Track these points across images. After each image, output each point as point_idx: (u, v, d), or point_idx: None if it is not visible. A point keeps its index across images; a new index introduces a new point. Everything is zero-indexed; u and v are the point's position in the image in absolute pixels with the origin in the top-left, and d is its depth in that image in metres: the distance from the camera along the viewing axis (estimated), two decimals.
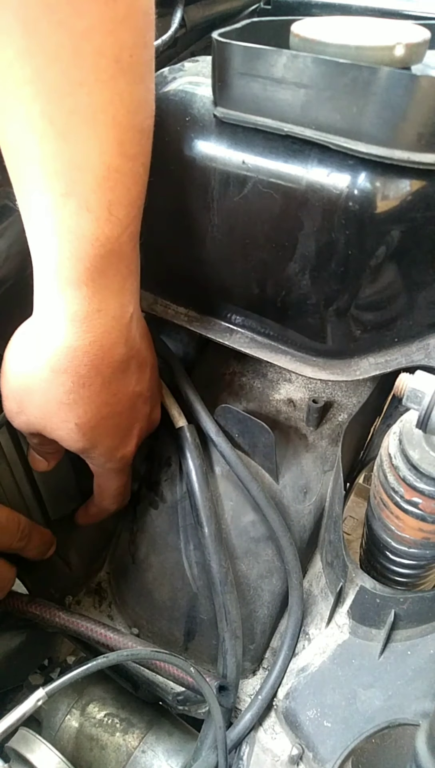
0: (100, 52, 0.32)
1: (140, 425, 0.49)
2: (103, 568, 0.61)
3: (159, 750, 0.51)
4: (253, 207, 0.42)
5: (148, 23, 0.35)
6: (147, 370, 0.47)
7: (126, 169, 0.36)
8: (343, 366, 0.48)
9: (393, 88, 0.33)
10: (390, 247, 0.40)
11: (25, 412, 0.42)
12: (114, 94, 0.34)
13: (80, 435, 0.43)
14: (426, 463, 0.41)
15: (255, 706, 0.48)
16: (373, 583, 0.47)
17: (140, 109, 0.37)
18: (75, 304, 0.38)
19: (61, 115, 0.33)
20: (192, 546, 0.53)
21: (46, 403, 0.41)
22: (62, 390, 0.40)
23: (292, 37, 0.39)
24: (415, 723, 0.41)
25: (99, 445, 0.45)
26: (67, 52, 0.32)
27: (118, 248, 0.38)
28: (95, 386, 0.41)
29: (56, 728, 0.52)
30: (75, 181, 0.35)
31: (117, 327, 0.41)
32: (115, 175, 0.36)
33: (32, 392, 0.41)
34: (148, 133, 0.38)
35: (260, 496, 0.52)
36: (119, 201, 0.36)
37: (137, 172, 0.38)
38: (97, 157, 0.35)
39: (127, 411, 0.46)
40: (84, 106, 0.33)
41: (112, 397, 0.43)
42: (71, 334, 0.38)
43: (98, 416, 0.42)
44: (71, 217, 0.35)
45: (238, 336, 0.52)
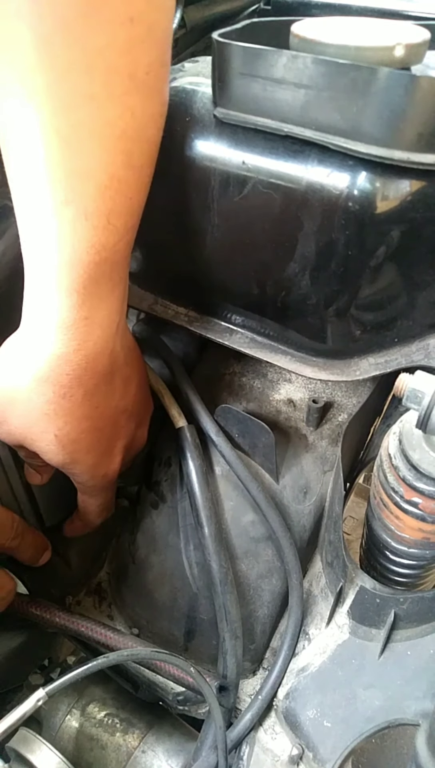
0: (113, 70, 0.32)
1: (123, 442, 0.47)
2: (103, 568, 0.61)
3: (159, 750, 0.51)
4: (253, 207, 0.42)
5: (166, 42, 0.35)
6: (132, 386, 0.47)
7: (130, 180, 0.36)
8: (343, 366, 0.48)
9: (393, 89, 0.33)
10: (390, 247, 0.40)
11: (7, 422, 0.42)
12: (125, 110, 0.33)
13: (60, 447, 0.42)
14: (426, 463, 0.41)
15: (255, 706, 0.48)
16: (373, 583, 0.47)
17: (152, 123, 0.36)
18: (64, 311, 0.38)
19: (68, 126, 0.33)
20: (192, 546, 0.53)
21: (27, 413, 0.40)
22: (43, 400, 0.39)
23: (292, 37, 0.39)
24: (415, 723, 0.41)
25: (80, 461, 0.44)
26: (79, 67, 0.31)
27: (112, 257, 0.38)
28: (76, 397, 0.40)
29: (56, 728, 0.52)
30: (75, 190, 0.34)
31: (102, 337, 0.40)
32: (118, 185, 0.35)
33: (15, 402, 0.40)
34: (155, 144, 0.38)
35: (260, 496, 0.52)
36: (119, 210, 0.36)
37: (140, 181, 0.37)
38: (101, 167, 0.34)
39: (109, 426, 0.45)
40: (92, 119, 0.33)
41: (94, 410, 0.42)
42: (57, 341, 0.38)
43: (78, 429, 0.42)
44: (69, 224, 0.35)
45: (238, 336, 0.52)
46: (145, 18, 0.32)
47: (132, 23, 0.31)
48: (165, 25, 0.34)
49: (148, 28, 0.32)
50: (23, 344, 0.40)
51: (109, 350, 0.41)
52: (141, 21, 0.32)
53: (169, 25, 0.35)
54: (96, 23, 0.30)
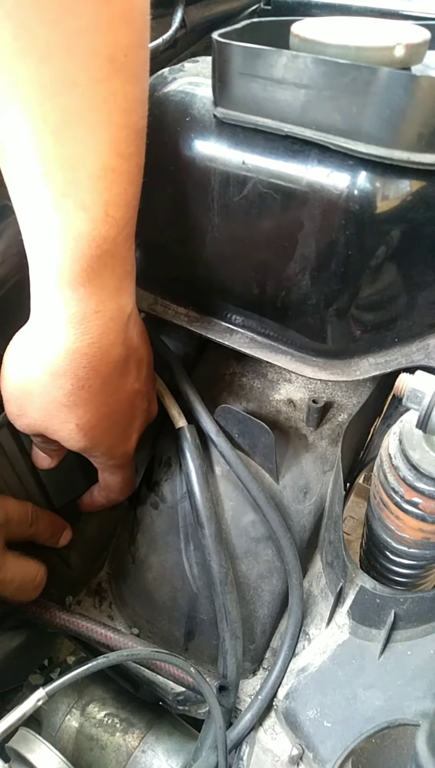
0: (93, 52, 0.32)
1: (139, 421, 0.49)
2: (103, 568, 0.61)
3: (159, 750, 0.51)
4: (253, 207, 0.42)
5: (143, 23, 0.35)
6: (144, 368, 0.48)
7: (122, 169, 0.36)
8: (343, 366, 0.48)
9: (393, 89, 0.33)
10: (390, 247, 0.40)
11: (26, 415, 0.42)
12: (108, 94, 0.33)
13: (81, 435, 0.43)
14: (426, 463, 0.41)
15: (255, 706, 0.48)
16: (373, 583, 0.47)
17: (135, 108, 0.36)
18: (72, 305, 0.38)
19: (54, 114, 0.33)
20: (192, 546, 0.53)
21: (45, 405, 0.41)
22: (61, 392, 0.40)
23: (292, 37, 0.39)
24: (415, 723, 0.41)
25: (100, 444, 0.45)
26: (59, 51, 0.31)
27: (114, 249, 0.38)
28: (94, 387, 0.41)
29: (56, 728, 0.52)
30: (70, 181, 0.34)
31: (114, 328, 0.41)
32: (110, 174, 0.35)
33: (32, 395, 0.41)
34: (142, 132, 0.38)
35: (260, 496, 0.52)
36: (115, 201, 0.36)
37: (132, 172, 0.37)
38: (92, 156, 0.34)
39: (126, 409, 0.46)
40: (78, 105, 0.33)
41: (111, 397, 0.43)
42: (69, 336, 0.38)
43: (98, 416, 0.43)
44: (68, 217, 0.35)
45: (238, 336, 0.52)
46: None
47: (109, 3, 0.31)
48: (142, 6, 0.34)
49: (126, 8, 0.32)
50: (35, 339, 0.40)
51: (123, 339, 0.42)
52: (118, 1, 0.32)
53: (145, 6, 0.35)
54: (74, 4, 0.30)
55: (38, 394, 0.40)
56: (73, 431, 0.42)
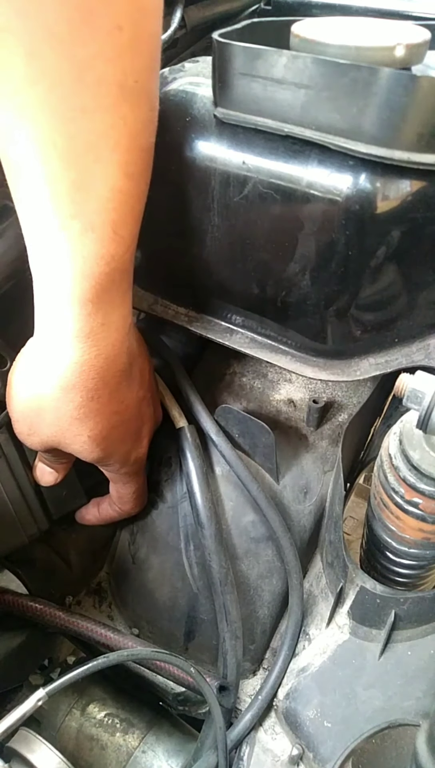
0: (102, 80, 0.32)
1: (148, 426, 0.50)
2: (103, 568, 0.61)
3: (159, 750, 0.51)
4: (254, 207, 0.42)
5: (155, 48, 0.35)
6: (146, 373, 0.48)
7: (129, 189, 0.36)
8: (344, 366, 0.48)
9: (393, 89, 0.33)
10: (390, 247, 0.40)
11: (38, 433, 0.43)
12: (117, 119, 0.34)
13: (94, 446, 0.43)
14: (426, 463, 0.41)
15: (255, 706, 0.48)
16: (373, 584, 0.47)
17: (143, 130, 0.37)
18: (80, 320, 0.38)
19: (63, 139, 0.33)
20: (192, 546, 0.53)
21: (57, 420, 0.42)
22: (72, 406, 0.41)
23: (293, 37, 0.39)
24: (415, 723, 0.41)
25: (114, 453, 0.46)
26: (69, 79, 0.31)
27: (121, 266, 0.38)
28: (103, 397, 0.42)
29: (56, 728, 0.52)
30: (78, 203, 0.35)
31: (119, 338, 0.41)
32: (118, 196, 0.36)
33: (43, 412, 0.41)
34: (150, 150, 0.38)
35: (260, 496, 0.52)
36: (123, 220, 0.37)
37: (140, 190, 0.38)
38: (100, 179, 0.35)
39: (135, 415, 0.47)
40: (86, 131, 0.33)
41: (120, 405, 0.44)
42: (77, 350, 0.39)
43: (109, 426, 0.43)
44: (77, 239, 0.35)
45: (238, 336, 0.52)
46: (133, 25, 0.32)
47: (120, 31, 0.31)
48: (153, 31, 0.34)
49: (136, 35, 0.32)
50: (42, 355, 0.40)
51: (126, 348, 0.43)
52: (129, 28, 0.32)
53: (157, 30, 0.35)
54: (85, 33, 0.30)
55: (49, 410, 0.41)
56: (86, 443, 0.43)
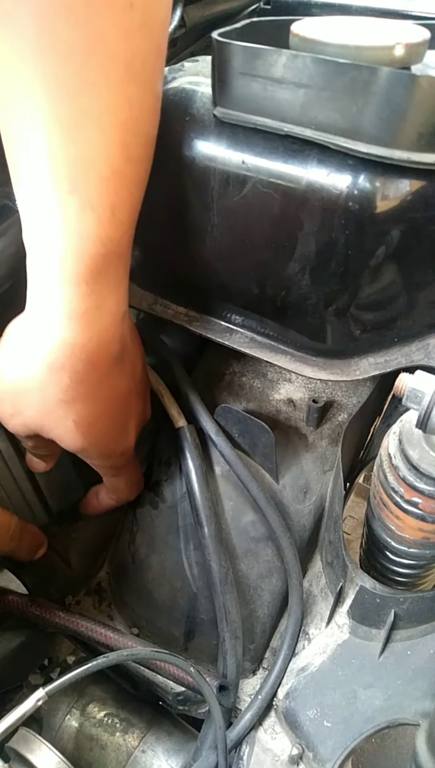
0: (112, 56, 0.33)
1: (135, 420, 0.49)
2: (103, 568, 0.61)
3: (159, 750, 0.51)
4: (253, 207, 0.42)
5: (162, 32, 0.36)
6: (138, 366, 0.48)
7: (129, 173, 0.36)
8: (343, 366, 0.48)
9: (393, 88, 0.33)
10: (390, 247, 0.40)
11: (21, 414, 0.42)
12: (122, 98, 0.34)
13: (78, 433, 0.43)
14: (426, 463, 0.41)
15: (255, 705, 0.48)
16: (373, 583, 0.47)
17: (147, 115, 0.37)
18: (73, 301, 0.38)
19: (69, 113, 0.33)
20: (192, 546, 0.53)
21: (42, 401, 0.41)
22: (59, 387, 0.40)
23: (292, 37, 0.39)
24: (415, 723, 0.41)
25: (97, 444, 0.45)
26: (79, 52, 0.32)
27: (118, 250, 0.38)
28: (92, 382, 0.41)
29: (56, 728, 0.52)
30: (79, 180, 0.35)
31: (113, 324, 0.41)
32: (118, 177, 0.36)
33: (28, 392, 0.40)
34: (152, 140, 0.39)
35: (260, 496, 0.52)
36: (122, 203, 0.37)
37: (140, 176, 0.38)
38: (102, 158, 0.35)
39: (122, 407, 0.46)
40: (92, 106, 0.33)
41: (109, 393, 0.43)
42: (69, 330, 0.39)
43: (96, 413, 0.43)
44: (75, 215, 0.35)
45: (238, 336, 0.52)
46: (144, 5, 0.33)
47: (132, 8, 0.32)
48: (163, 15, 0.35)
49: (147, 15, 0.33)
50: (33, 333, 0.40)
51: (120, 335, 0.42)
52: (140, 7, 0.32)
53: (166, 14, 0.36)
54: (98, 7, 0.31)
55: (35, 390, 0.40)
56: (70, 428, 0.42)
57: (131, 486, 0.54)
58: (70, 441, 0.43)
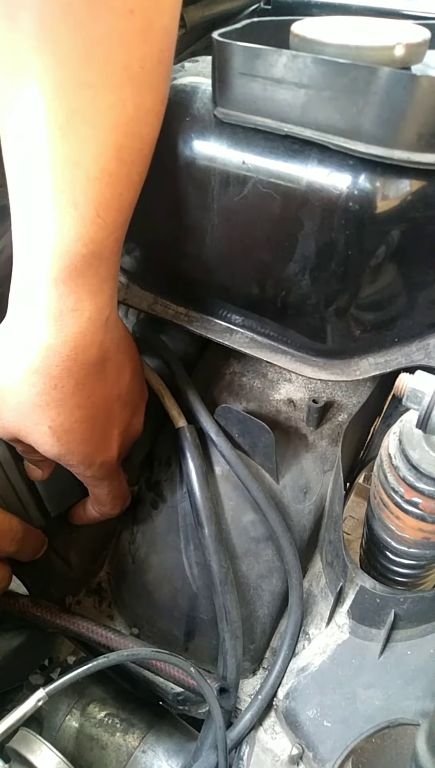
0: (110, 59, 0.33)
1: (118, 430, 0.47)
2: (103, 568, 0.61)
3: (159, 750, 0.51)
4: (253, 207, 0.42)
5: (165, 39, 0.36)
6: (125, 374, 0.46)
7: (120, 174, 0.36)
8: (343, 366, 0.48)
9: (393, 88, 0.33)
10: (390, 247, 0.40)
11: (1, 417, 0.42)
12: (117, 100, 0.34)
13: (54, 439, 0.42)
14: (426, 463, 0.41)
15: (255, 706, 0.48)
16: (373, 583, 0.47)
17: (145, 119, 0.37)
18: (51, 300, 0.38)
19: (63, 112, 0.33)
20: (192, 546, 0.53)
21: (18, 405, 0.40)
22: (34, 391, 0.39)
23: (292, 37, 0.39)
24: (415, 723, 0.41)
25: (75, 451, 0.44)
26: (78, 53, 0.32)
27: (100, 251, 0.38)
28: (68, 388, 0.40)
29: (56, 728, 0.52)
30: (68, 178, 0.35)
31: (91, 329, 0.40)
32: (108, 178, 0.36)
33: (5, 395, 0.40)
34: (150, 143, 0.38)
35: (260, 496, 0.52)
36: (109, 204, 0.37)
37: (131, 178, 0.38)
38: (91, 157, 0.35)
39: (103, 415, 0.44)
40: (87, 107, 0.34)
41: (86, 400, 0.42)
42: (44, 331, 0.38)
43: (71, 419, 0.42)
44: (59, 213, 0.35)
45: (238, 336, 0.52)
46: (145, 12, 0.33)
47: (132, 15, 0.33)
48: (165, 22, 0.35)
49: (147, 22, 0.34)
50: (11, 335, 0.39)
51: (99, 341, 0.41)
52: (141, 14, 0.33)
53: (169, 22, 0.36)
54: (98, 11, 0.32)
55: (12, 393, 0.40)
56: (46, 434, 0.41)
57: (114, 499, 0.52)
58: (47, 447, 0.42)
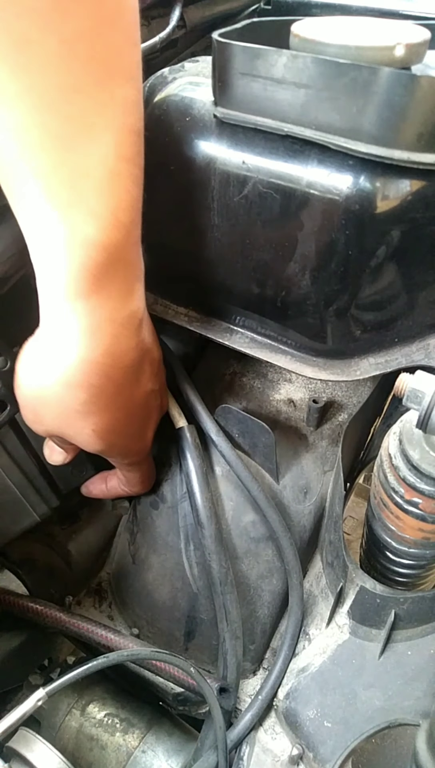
0: (90, 55, 0.32)
1: (154, 419, 0.50)
2: (103, 568, 0.61)
3: (159, 750, 0.51)
4: (254, 207, 0.42)
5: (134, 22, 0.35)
6: (156, 366, 0.48)
7: (125, 172, 0.36)
8: (343, 366, 0.48)
9: (393, 88, 0.33)
10: (390, 247, 0.40)
11: (42, 422, 0.43)
12: (107, 97, 0.33)
13: (97, 440, 0.43)
14: (426, 463, 0.41)
15: (255, 706, 0.48)
16: (373, 583, 0.47)
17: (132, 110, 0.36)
18: (84, 316, 0.38)
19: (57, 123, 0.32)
20: (192, 546, 0.53)
21: (61, 413, 0.41)
22: (76, 402, 0.40)
23: (292, 37, 0.39)
24: (415, 723, 0.41)
25: (116, 445, 0.46)
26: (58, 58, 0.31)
27: (124, 254, 0.38)
28: (109, 393, 0.41)
29: (56, 728, 0.52)
30: (79, 190, 0.34)
31: (126, 334, 0.40)
32: (117, 179, 0.35)
33: (47, 404, 0.41)
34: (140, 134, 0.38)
35: (260, 496, 0.52)
36: (122, 205, 0.36)
37: (136, 174, 0.37)
38: (97, 162, 0.34)
39: (142, 409, 0.46)
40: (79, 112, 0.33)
41: (127, 401, 0.43)
42: (82, 347, 0.38)
43: (114, 420, 0.43)
44: (76, 226, 0.35)
45: (238, 336, 0.52)
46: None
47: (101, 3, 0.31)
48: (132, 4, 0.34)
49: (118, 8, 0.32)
50: (47, 350, 0.40)
51: (135, 343, 0.42)
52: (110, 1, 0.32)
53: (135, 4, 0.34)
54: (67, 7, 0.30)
55: (53, 403, 0.41)
56: (90, 436, 0.43)
57: (145, 480, 0.55)
58: (90, 446, 0.44)
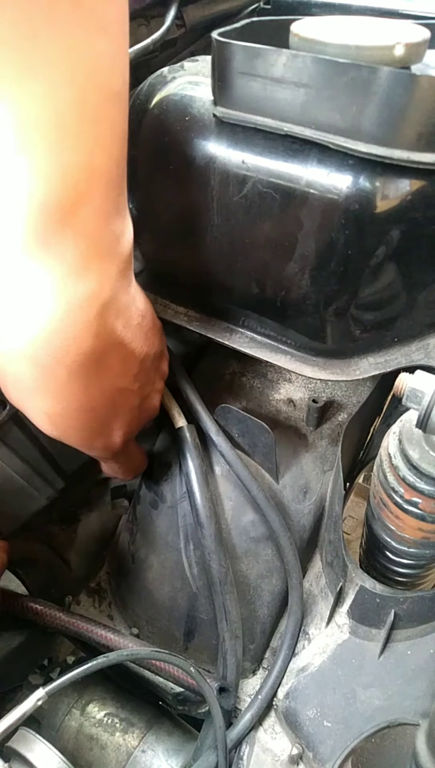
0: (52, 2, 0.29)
1: (124, 419, 0.46)
2: (103, 568, 0.61)
3: (159, 750, 0.51)
4: (253, 206, 0.42)
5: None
6: (134, 364, 0.44)
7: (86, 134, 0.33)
8: (343, 366, 0.48)
9: (393, 88, 0.33)
10: (390, 246, 0.40)
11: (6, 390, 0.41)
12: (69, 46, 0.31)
13: (51, 425, 0.42)
14: (426, 462, 0.41)
15: (255, 705, 0.48)
16: (372, 583, 0.47)
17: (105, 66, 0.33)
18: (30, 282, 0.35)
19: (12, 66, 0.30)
20: (192, 546, 0.53)
21: (16, 384, 0.40)
22: (28, 375, 0.38)
23: (292, 36, 0.39)
24: (415, 723, 0.41)
25: (73, 437, 0.44)
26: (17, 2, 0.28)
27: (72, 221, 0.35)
28: (60, 378, 0.39)
29: (56, 728, 0.52)
30: (27, 140, 0.32)
31: (82, 317, 0.37)
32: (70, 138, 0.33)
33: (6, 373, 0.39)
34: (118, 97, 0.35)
35: (260, 495, 0.52)
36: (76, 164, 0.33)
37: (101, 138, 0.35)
38: (49, 116, 0.32)
39: (104, 406, 0.43)
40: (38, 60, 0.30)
41: (83, 391, 0.40)
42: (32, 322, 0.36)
43: (68, 408, 0.41)
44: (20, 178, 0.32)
45: (238, 336, 0.52)
46: None
47: None
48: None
49: None
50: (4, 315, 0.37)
51: (94, 331, 0.39)
52: None
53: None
54: None
55: (11, 373, 0.39)
56: (42, 419, 0.41)
57: (125, 471, 0.53)
58: (45, 430, 0.42)
